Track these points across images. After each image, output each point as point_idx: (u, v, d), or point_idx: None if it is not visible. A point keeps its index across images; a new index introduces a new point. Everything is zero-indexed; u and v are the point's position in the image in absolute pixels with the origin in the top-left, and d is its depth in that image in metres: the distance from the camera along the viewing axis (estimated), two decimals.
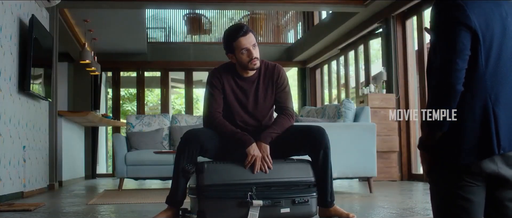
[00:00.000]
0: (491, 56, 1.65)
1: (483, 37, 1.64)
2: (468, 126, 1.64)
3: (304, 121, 5.22)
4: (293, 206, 2.87)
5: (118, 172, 6.29)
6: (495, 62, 1.66)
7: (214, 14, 11.90)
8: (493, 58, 1.65)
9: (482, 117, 1.64)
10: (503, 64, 1.66)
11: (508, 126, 1.64)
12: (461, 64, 1.62)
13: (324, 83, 10.87)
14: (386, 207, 3.74)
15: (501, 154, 1.63)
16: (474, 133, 1.64)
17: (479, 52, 1.64)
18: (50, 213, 3.72)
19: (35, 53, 5.29)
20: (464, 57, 1.62)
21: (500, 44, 1.67)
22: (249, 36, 2.98)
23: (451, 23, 1.64)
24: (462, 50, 1.62)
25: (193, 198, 2.94)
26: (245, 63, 3.00)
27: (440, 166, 1.70)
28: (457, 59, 1.61)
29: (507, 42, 1.68)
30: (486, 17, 1.66)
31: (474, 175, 1.65)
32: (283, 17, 11.86)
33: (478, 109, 1.64)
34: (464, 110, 1.65)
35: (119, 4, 7.28)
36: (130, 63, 10.68)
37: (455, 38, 1.62)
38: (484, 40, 1.63)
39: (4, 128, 4.64)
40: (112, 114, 10.65)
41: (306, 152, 3.02)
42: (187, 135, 2.91)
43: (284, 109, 3.10)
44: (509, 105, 1.65)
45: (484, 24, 1.65)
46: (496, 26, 1.67)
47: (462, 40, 1.62)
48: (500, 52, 1.66)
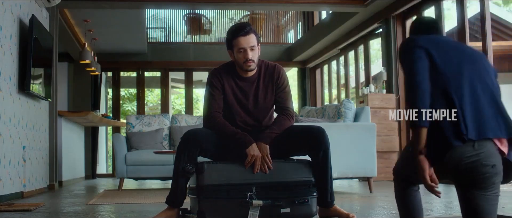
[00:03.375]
0: (449, 69, 2.07)
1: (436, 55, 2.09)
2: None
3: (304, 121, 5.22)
4: (293, 206, 2.87)
5: (118, 172, 6.29)
6: (454, 73, 2.07)
7: (214, 14, 11.90)
8: (452, 71, 2.07)
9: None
10: (460, 76, 2.08)
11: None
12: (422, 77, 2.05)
13: (324, 83, 10.87)
14: (386, 207, 3.74)
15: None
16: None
17: (438, 66, 2.07)
18: (50, 213, 3.72)
19: (35, 53, 5.28)
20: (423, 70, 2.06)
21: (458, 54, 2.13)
22: (249, 37, 2.98)
23: (408, 47, 2.13)
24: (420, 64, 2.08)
25: (193, 198, 2.94)
26: (240, 63, 3.01)
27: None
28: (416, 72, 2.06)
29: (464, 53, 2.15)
30: (439, 45, 2.13)
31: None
32: (283, 17, 11.86)
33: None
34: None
35: (119, 4, 7.28)
36: (130, 63, 10.68)
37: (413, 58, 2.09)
38: (442, 60, 2.08)
39: (4, 128, 4.63)
40: (112, 114, 10.65)
41: (306, 152, 3.02)
42: (187, 135, 2.91)
43: (284, 109, 3.10)
44: (472, 106, 2.04)
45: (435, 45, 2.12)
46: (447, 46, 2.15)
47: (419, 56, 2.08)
48: (461, 59, 2.12)
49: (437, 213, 3.34)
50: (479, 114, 2.03)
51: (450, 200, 4.15)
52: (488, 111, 2.06)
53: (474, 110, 2.03)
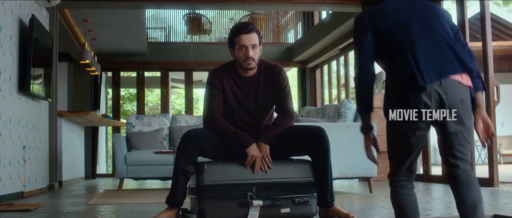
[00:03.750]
0: (397, 33, 2.27)
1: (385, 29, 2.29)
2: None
3: (304, 121, 5.22)
4: (293, 206, 2.87)
5: (118, 172, 6.29)
6: (404, 35, 2.26)
7: (214, 14, 11.90)
8: (401, 33, 2.26)
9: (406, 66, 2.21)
10: (408, 35, 2.25)
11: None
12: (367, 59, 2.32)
13: (324, 83, 10.87)
14: (386, 207, 3.74)
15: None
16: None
17: (386, 38, 2.28)
18: (50, 213, 3.72)
19: (35, 53, 5.28)
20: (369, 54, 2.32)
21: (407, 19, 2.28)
22: (251, 35, 2.98)
23: (357, 30, 2.38)
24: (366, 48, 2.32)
25: (193, 198, 2.94)
26: (241, 61, 3.01)
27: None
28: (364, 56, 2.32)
29: (416, 16, 2.30)
30: (386, 16, 2.31)
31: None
32: (283, 17, 11.86)
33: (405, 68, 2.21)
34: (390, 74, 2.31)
35: (119, 4, 7.28)
36: (130, 63, 10.68)
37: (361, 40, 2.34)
38: (390, 28, 2.28)
39: (4, 128, 4.64)
40: (112, 114, 10.65)
41: (306, 152, 3.02)
42: (187, 135, 2.91)
43: (284, 109, 3.10)
44: (426, 55, 2.22)
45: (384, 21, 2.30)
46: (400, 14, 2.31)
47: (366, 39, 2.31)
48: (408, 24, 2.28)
49: (437, 213, 3.34)
50: (432, 61, 2.20)
51: (450, 200, 4.15)
52: (442, 56, 2.23)
53: (428, 59, 2.20)
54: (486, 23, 5.57)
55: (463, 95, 2.20)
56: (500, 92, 5.51)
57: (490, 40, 5.57)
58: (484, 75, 5.57)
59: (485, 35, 5.57)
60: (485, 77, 5.54)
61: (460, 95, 2.19)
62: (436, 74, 2.17)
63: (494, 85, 5.52)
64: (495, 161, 5.49)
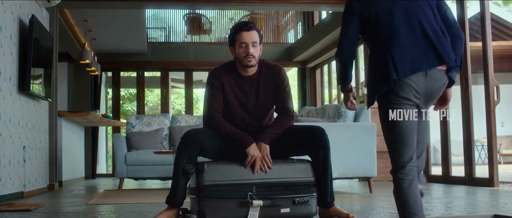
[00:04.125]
0: (382, 20, 2.45)
1: (371, 14, 2.46)
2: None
3: (304, 121, 5.22)
4: (293, 206, 2.87)
5: (118, 172, 6.29)
6: (387, 22, 2.44)
7: (214, 14, 11.90)
8: (384, 21, 2.44)
9: (383, 59, 2.42)
10: (393, 22, 2.43)
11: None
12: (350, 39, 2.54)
13: (324, 83, 10.87)
14: (386, 207, 3.74)
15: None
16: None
17: (371, 23, 2.47)
18: (50, 213, 3.72)
19: (35, 53, 5.28)
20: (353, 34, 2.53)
21: (391, 11, 2.44)
22: (251, 33, 3.00)
23: (346, 13, 2.54)
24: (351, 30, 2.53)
25: (193, 198, 2.94)
26: (241, 58, 3.02)
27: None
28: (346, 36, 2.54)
29: (398, 9, 2.45)
30: (374, 3, 2.47)
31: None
32: (283, 17, 11.86)
33: (380, 55, 2.43)
34: (372, 61, 2.50)
35: (119, 4, 7.28)
36: (130, 63, 10.67)
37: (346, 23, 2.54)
38: (376, 15, 2.45)
39: (4, 128, 4.64)
40: (112, 114, 10.65)
41: (306, 152, 3.02)
42: (187, 135, 2.91)
43: (284, 109, 3.10)
44: (403, 48, 2.40)
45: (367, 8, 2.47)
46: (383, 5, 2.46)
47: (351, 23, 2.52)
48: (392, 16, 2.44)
49: (437, 213, 3.34)
50: (409, 55, 2.39)
51: (450, 200, 4.16)
52: (419, 50, 2.40)
53: (404, 53, 2.39)
54: (486, 23, 5.57)
55: (437, 85, 2.43)
56: (500, 92, 5.51)
57: (490, 40, 5.57)
58: (484, 75, 5.57)
59: (485, 35, 5.57)
60: (485, 77, 5.55)
61: (432, 87, 2.41)
62: (411, 69, 2.36)
63: (494, 85, 5.52)
64: (495, 161, 5.50)
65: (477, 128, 6.04)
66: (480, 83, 5.85)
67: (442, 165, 6.43)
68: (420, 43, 2.40)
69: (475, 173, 5.80)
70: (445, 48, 2.40)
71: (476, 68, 6.57)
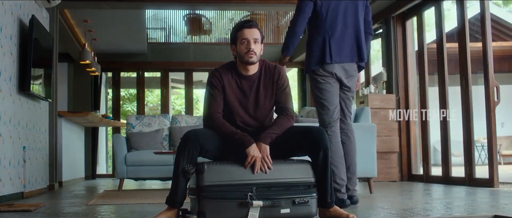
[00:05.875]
0: (329, 13, 3.59)
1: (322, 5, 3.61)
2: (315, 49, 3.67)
3: (304, 121, 5.22)
4: (293, 207, 2.87)
5: (118, 172, 6.29)
6: (332, 16, 3.60)
7: (214, 14, 11.90)
8: (330, 14, 3.59)
9: (323, 44, 3.62)
10: (337, 17, 3.62)
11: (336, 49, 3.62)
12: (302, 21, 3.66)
13: None
14: (386, 208, 3.74)
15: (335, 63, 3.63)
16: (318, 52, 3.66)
17: (320, 12, 3.60)
18: (50, 214, 3.72)
19: (35, 54, 5.28)
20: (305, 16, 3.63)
21: (336, 6, 3.62)
22: (253, 30, 3.04)
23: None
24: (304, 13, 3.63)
25: (193, 198, 2.94)
26: (242, 54, 3.03)
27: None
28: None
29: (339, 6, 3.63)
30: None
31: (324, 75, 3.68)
32: (283, 17, 11.85)
33: (321, 40, 3.63)
34: (313, 41, 3.65)
35: (119, 4, 7.28)
36: (130, 63, 10.68)
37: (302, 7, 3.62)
38: (326, 8, 3.59)
39: (4, 128, 4.64)
40: (112, 115, 10.65)
41: (306, 152, 3.02)
42: (187, 136, 2.91)
43: (284, 110, 3.11)
44: (338, 39, 3.63)
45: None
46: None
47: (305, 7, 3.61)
48: (336, 11, 3.62)
49: (437, 213, 3.34)
50: (340, 47, 3.58)
51: (450, 201, 4.16)
52: (348, 44, 3.62)
53: (338, 45, 3.57)
54: (486, 24, 5.57)
55: (354, 73, 3.74)
56: (500, 93, 5.51)
57: (490, 41, 5.57)
58: (484, 76, 5.57)
59: (485, 35, 5.57)
60: (485, 77, 5.54)
61: (352, 73, 3.72)
62: (340, 59, 3.59)
63: (494, 85, 5.51)
64: (495, 162, 5.50)
65: (477, 128, 6.04)
66: (480, 83, 5.85)
67: (442, 166, 6.43)
68: (350, 40, 3.59)
69: (475, 174, 5.80)
70: (364, 48, 3.61)
71: (476, 68, 6.57)
